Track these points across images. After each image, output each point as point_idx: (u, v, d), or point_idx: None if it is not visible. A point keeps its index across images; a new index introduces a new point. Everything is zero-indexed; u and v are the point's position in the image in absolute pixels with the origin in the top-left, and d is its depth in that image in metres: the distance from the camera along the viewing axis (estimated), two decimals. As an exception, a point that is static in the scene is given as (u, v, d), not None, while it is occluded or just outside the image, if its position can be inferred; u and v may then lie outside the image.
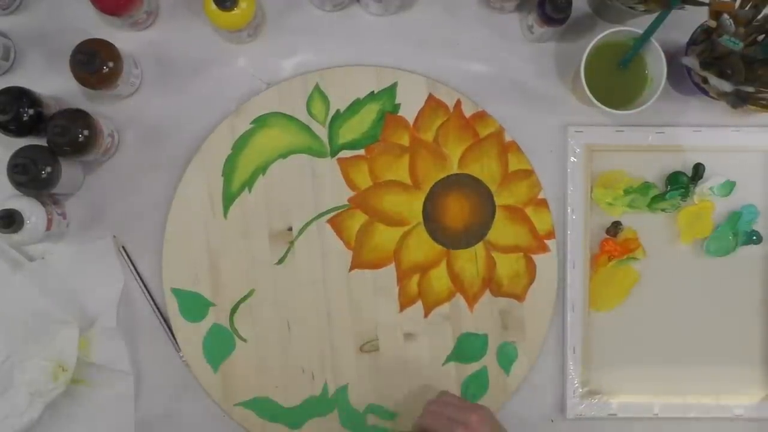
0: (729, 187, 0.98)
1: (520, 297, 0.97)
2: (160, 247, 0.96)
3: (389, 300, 0.97)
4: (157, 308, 0.96)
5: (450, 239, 0.97)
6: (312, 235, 0.96)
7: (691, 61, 0.88)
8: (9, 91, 0.86)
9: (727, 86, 0.86)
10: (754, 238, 0.98)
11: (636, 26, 0.92)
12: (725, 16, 0.84)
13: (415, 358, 0.97)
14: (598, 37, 0.90)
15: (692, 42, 0.90)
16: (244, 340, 0.96)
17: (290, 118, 0.96)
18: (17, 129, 0.88)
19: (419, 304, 0.97)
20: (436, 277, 0.97)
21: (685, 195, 0.97)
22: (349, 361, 0.97)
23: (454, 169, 0.97)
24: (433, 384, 0.97)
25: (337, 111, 0.96)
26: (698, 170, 0.97)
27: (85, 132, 0.87)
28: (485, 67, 0.99)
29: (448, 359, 0.97)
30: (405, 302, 0.97)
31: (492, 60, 0.99)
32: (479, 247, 0.97)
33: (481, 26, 0.98)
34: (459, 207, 0.97)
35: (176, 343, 0.96)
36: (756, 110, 0.89)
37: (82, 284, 0.94)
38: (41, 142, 0.89)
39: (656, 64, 0.91)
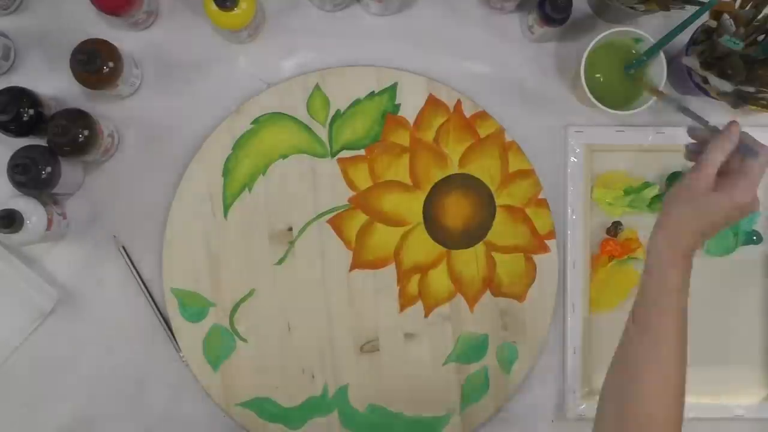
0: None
1: (520, 297, 0.97)
2: (160, 247, 0.96)
3: (389, 300, 0.97)
4: (157, 308, 0.96)
5: (450, 239, 0.97)
6: (312, 235, 0.96)
7: (692, 61, 0.88)
8: (9, 91, 0.86)
9: (727, 86, 0.86)
10: (754, 238, 0.98)
11: (636, 26, 0.92)
12: (726, 16, 0.84)
13: (415, 358, 0.97)
14: (598, 37, 0.90)
15: (693, 42, 0.90)
16: (244, 340, 0.96)
17: (290, 118, 0.96)
18: (17, 129, 0.88)
19: (419, 304, 0.97)
20: (436, 277, 0.97)
21: (686, 195, 0.97)
22: (349, 361, 0.97)
23: (454, 169, 0.97)
24: (433, 384, 0.97)
25: (337, 111, 0.96)
26: (698, 170, 0.97)
27: (85, 132, 0.87)
28: (485, 67, 0.99)
29: (449, 359, 0.97)
30: (405, 302, 0.97)
31: (492, 60, 0.99)
32: (479, 247, 0.97)
33: (481, 26, 0.98)
34: (459, 207, 0.97)
35: (176, 343, 0.96)
36: (756, 110, 0.89)
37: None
38: (41, 142, 0.89)
39: (656, 64, 0.91)
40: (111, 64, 0.88)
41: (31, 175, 0.86)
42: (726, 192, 0.73)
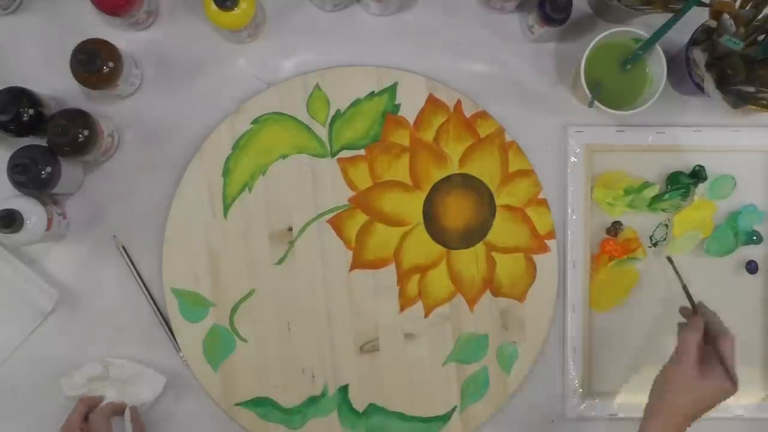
0: (729, 187, 0.98)
1: (520, 297, 0.97)
2: (160, 247, 0.96)
3: (389, 300, 0.97)
4: (157, 308, 0.96)
5: (450, 239, 0.97)
6: (312, 235, 0.96)
7: (698, 54, 0.88)
8: (9, 91, 0.87)
9: (718, 95, 0.87)
10: (755, 238, 0.98)
11: (636, 26, 0.92)
12: (726, 16, 0.84)
13: (415, 358, 0.97)
14: (598, 37, 0.90)
15: (693, 42, 0.90)
16: (244, 340, 0.96)
17: (290, 118, 0.96)
18: (17, 129, 0.88)
19: (419, 304, 0.97)
20: (436, 278, 0.97)
21: (686, 195, 0.97)
22: (349, 361, 0.97)
23: (454, 169, 0.97)
24: (433, 384, 0.97)
25: (337, 111, 0.96)
26: (699, 172, 0.97)
27: (85, 132, 0.87)
28: (485, 67, 0.99)
29: (448, 359, 0.97)
30: (405, 302, 0.97)
31: (492, 60, 0.99)
32: (479, 247, 0.97)
33: (481, 26, 0.98)
34: (459, 207, 0.97)
35: (176, 343, 0.96)
36: (756, 110, 0.89)
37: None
38: (41, 142, 0.89)
39: (656, 64, 0.91)
40: (111, 64, 0.88)
41: (31, 175, 0.86)
42: (713, 379, 0.82)
